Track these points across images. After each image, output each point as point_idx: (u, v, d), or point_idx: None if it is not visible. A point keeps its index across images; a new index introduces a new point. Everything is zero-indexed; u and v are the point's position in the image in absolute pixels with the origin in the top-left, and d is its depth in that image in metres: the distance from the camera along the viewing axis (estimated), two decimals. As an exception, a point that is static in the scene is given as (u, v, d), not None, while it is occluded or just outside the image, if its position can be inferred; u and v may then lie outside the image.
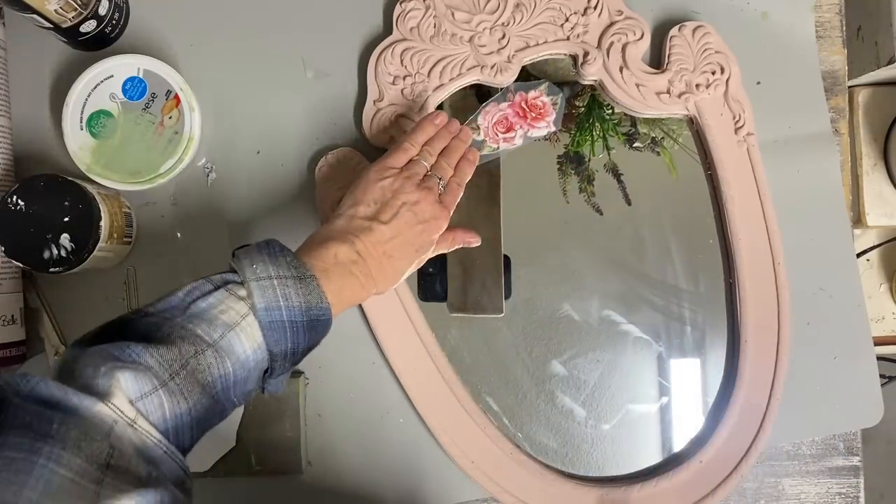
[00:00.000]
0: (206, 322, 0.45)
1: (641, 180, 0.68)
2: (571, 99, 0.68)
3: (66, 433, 0.36)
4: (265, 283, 0.47)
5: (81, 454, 0.36)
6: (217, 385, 0.44)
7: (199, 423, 0.44)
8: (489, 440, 0.64)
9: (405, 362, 0.65)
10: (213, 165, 0.67)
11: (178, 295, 0.46)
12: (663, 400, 0.68)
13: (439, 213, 0.57)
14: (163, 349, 0.42)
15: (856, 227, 0.92)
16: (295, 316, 0.47)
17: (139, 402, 0.40)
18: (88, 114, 0.62)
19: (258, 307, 0.46)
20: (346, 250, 0.52)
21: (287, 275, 0.48)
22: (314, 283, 0.48)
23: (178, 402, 0.42)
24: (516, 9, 0.65)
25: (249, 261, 0.48)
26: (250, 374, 0.47)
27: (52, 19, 0.59)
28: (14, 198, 0.58)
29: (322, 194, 0.65)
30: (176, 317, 0.45)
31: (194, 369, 0.43)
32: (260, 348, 0.46)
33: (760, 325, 0.65)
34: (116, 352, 0.42)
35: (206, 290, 0.46)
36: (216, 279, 0.47)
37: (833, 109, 0.70)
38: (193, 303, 0.46)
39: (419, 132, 0.60)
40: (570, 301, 0.68)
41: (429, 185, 0.57)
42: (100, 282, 0.66)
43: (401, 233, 0.55)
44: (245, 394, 0.47)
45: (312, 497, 0.65)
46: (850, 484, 0.68)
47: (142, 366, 0.41)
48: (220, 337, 0.45)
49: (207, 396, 0.44)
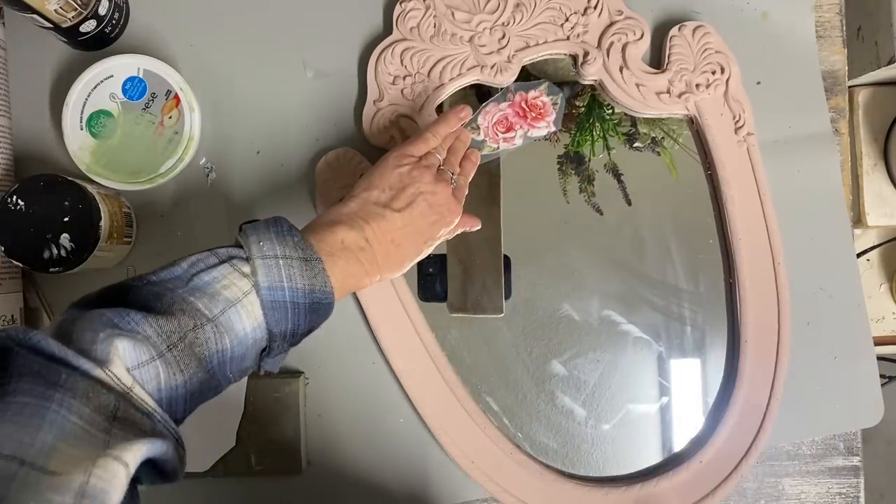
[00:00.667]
0: (207, 296, 0.44)
1: (641, 180, 0.68)
2: (571, 99, 0.68)
3: (74, 384, 0.37)
4: (270, 262, 0.46)
5: (90, 404, 0.36)
6: (214, 360, 0.44)
7: (193, 397, 0.44)
8: (489, 440, 0.64)
9: (405, 362, 0.65)
10: (213, 165, 0.67)
11: (182, 265, 0.46)
12: (663, 400, 0.68)
13: (454, 206, 0.56)
14: (162, 320, 0.42)
15: (856, 227, 0.92)
16: (297, 297, 0.47)
17: (135, 371, 0.40)
18: (88, 114, 0.62)
19: (262, 285, 0.46)
20: (355, 236, 0.51)
21: (293, 255, 0.47)
22: (320, 267, 0.48)
23: (174, 374, 0.42)
24: (516, 9, 0.65)
25: (256, 237, 0.47)
26: (247, 352, 0.46)
27: (52, 19, 0.59)
28: (14, 198, 0.58)
29: (322, 194, 0.65)
30: (178, 288, 0.45)
31: (192, 343, 0.43)
32: (260, 327, 0.46)
33: (760, 325, 0.65)
34: (116, 318, 0.41)
35: (210, 263, 0.46)
36: (221, 252, 0.47)
37: (833, 109, 0.70)
38: (197, 275, 0.45)
39: (443, 124, 0.59)
40: (570, 301, 0.68)
41: (444, 177, 0.57)
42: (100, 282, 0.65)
43: (413, 222, 0.54)
44: (241, 371, 0.47)
45: (312, 497, 0.65)
46: (851, 484, 0.68)
47: (140, 335, 0.41)
48: (220, 312, 0.44)
49: (203, 370, 0.44)
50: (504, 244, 0.67)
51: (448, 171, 0.58)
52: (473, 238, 0.62)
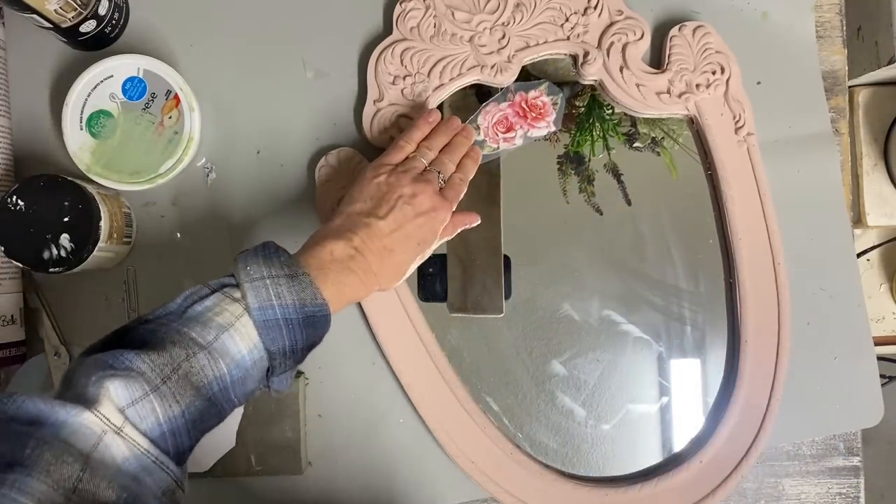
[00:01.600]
0: (200, 325, 0.45)
1: (641, 180, 0.68)
2: (571, 99, 0.68)
3: (38, 456, 0.37)
4: (258, 284, 0.47)
5: (49, 479, 0.36)
6: (213, 386, 0.45)
7: (196, 425, 0.44)
8: (489, 440, 0.64)
9: (405, 362, 0.65)
10: (213, 165, 0.67)
11: (177, 301, 0.47)
12: (663, 400, 0.68)
13: (439, 204, 0.57)
14: (154, 354, 0.43)
15: (856, 227, 0.92)
16: (289, 314, 0.47)
17: (130, 409, 0.41)
18: (88, 114, 0.62)
19: (252, 307, 0.47)
20: (343, 246, 0.52)
21: (279, 273, 0.48)
22: (307, 280, 0.49)
23: (171, 406, 0.42)
24: (516, 9, 0.65)
25: (244, 264, 0.49)
26: (248, 374, 0.47)
27: (52, 19, 0.59)
28: (14, 198, 0.58)
29: (322, 194, 0.65)
30: (172, 322, 0.46)
31: (187, 372, 0.44)
32: (256, 347, 0.47)
33: (760, 325, 0.65)
34: (110, 360, 0.42)
35: (202, 294, 0.47)
36: (213, 284, 0.48)
37: (833, 109, 0.70)
38: (190, 307, 0.46)
39: (414, 130, 0.60)
40: (570, 301, 0.68)
41: (427, 178, 0.57)
42: (100, 282, 0.66)
43: (400, 226, 0.55)
44: (246, 393, 0.48)
45: (312, 497, 0.65)
46: (851, 484, 0.68)
47: (134, 371, 0.42)
48: (213, 339, 0.45)
49: (202, 398, 0.44)
50: (504, 244, 0.67)
51: (434, 171, 0.58)
52: (473, 238, 0.62)
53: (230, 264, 0.50)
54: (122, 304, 0.66)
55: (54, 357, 0.66)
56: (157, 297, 0.66)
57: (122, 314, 0.66)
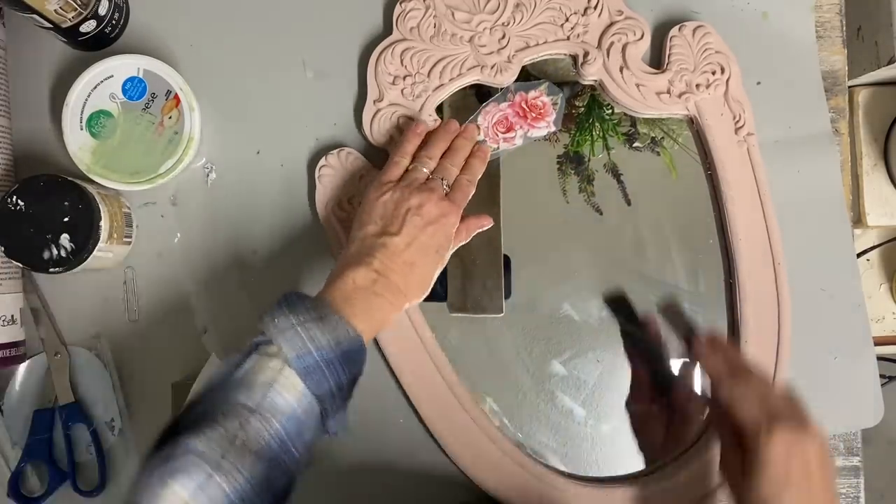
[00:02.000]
0: (245, 388, 0.46)
1: (641, 180, 0.68)
2: (571, 99, 0.68)
3: None
4: (290, 333, 0.47)
5: None
6: (273, 446, 0.45)
7: (265, 487, 0.44)
8: (489, 440, 0.64)
9: (405, 362, 0.65)
10: (213, 165, 0.67)
11: (217, 374, 0.47)
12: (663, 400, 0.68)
13: (447, 209, 0.57)
14: (209, 431, 0.43)
15: (856, 227, 0.92)
16: (326, 354, 0.47)
17: (200, 495, 0.41)
18: (88, 114, 0.62)
19: (290, 357, 0.47)
20: (364, 272, 0.53)
21: (307, 318, 0.48)
22: (336, 318, 0.49)
23: (235, 479, 0.43)
24: (516, 9, 0.65)
25: (272, 318, 0.48)
26: (303, 424, 0.47)
27: (52, 19, 0.59)
28: (14, 198, 0.58)
29: (322, 195, 0.65)
30: (217, 394, 0.46)
31: (244, 441, 0.44)
32: (304, 395, 0.47)
33: (760, 325, 0.65)
34: (169, 450, 0.43)
35: (238, 360, 0.47)
36: (247, 346, 0.48)
37: (833, 109, 0.70)
38: (231, 375, 0.47)
39: (405, 144, 0.61)
40: (570, 301, 0.68)
41: (431, 186, 0.58)
42: (100, 282, 0.66)
43: (415, 238, 0.55)
44: (305, 444, 0.47)
45: (313, 497, 0.65)
46: (851, 484, 0.68)
47: (192, 455, 0.42)
48: (261, 398, 0.45)
49: (263, 461, 0.44)
50: (504, 244, 0.67)
51: (437, 179, 0.59)
52: (473, 238, 0.62)
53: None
54: (122, 304, 0.66)
55: (54, 357, 0.66)
56: (157, 297, 0.67)
57: (122, 314, 0.66)
